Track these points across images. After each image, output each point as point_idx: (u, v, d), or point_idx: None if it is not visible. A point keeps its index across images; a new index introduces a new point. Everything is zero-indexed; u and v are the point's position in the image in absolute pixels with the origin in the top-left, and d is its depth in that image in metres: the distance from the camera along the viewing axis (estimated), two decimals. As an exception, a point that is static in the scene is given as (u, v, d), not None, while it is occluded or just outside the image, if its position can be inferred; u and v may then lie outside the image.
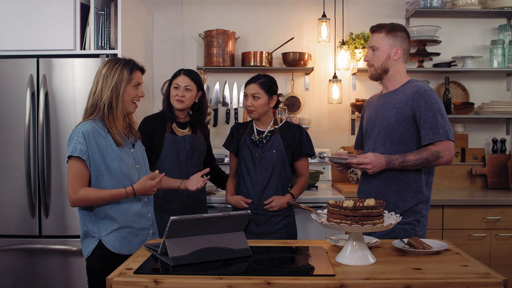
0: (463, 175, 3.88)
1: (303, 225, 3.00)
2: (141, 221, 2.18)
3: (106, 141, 2.08)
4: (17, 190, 2.97)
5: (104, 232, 2.09)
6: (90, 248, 2.10)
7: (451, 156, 2.25)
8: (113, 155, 2.08)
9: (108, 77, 2.10)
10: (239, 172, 2.72)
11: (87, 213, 2.11)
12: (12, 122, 2.97)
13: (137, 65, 2.19)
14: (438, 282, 1.58)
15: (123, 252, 2.09)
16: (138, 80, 2.16)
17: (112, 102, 2.09)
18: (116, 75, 2.10)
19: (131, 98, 2.15)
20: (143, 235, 2.18)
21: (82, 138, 2.03)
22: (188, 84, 2.68)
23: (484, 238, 3.28)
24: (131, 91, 2.14)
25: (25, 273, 2.98)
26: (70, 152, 2.04)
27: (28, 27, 3.04)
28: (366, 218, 1.73)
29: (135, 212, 2.15)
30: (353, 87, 4.00)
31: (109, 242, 2.08)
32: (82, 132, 2.04)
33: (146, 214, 2.21)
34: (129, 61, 2.17)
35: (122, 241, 2.10)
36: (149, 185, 2.12)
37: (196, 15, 3.99)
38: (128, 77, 2.11)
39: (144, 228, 2.19)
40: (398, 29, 2.38)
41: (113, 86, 2.09)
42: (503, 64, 3.81)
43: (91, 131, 2.05)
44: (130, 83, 2.12)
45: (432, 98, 2.26)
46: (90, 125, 2.07)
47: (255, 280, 1.59)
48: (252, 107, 2.62)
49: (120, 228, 2.10)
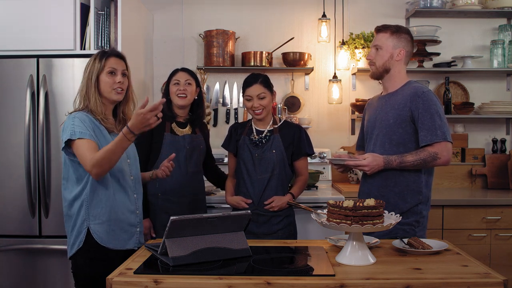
0: (463, 175, 3.88)
1: (303, 225, 3.00)
2: (131, 217, 2.16)
3: (100, 131, 2.09)
4: (17, 190, 2.97)
5: (94, 220, 2.05)
6: (79, 241, 2.04)
7: (448, 157, 2.27)
8: (106, 143, 2.06)
9: (86, 69, 2.14)
10: (238, 172, 2.72)
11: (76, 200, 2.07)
12: (12, 122, 2.97)
13: (111, 52, 2.18)
14: (438, 282, 1.58)
15: (108, 245, 2.06)
16: (111, 66, 2.13)
17: (89, 91, 2.10)
18: (89, 65, 2.14)
19: (109, 86, 2.12)
20: (131, 232, 2.15)
21: (79, 121, 2.03)
22: (188, 78, 2.70)
23: (484, 238, 3.28)
24: (106, 79, 2.12)
25: (25, 273, 2.97)
26: (69, 136, 1.99)
27: (28, 27, 3.04)
28: (366, 218, 1.73)
29: (125, 207, 2.13)
30: (353, 87, 4.00)
31: (97, 231, 2.04)
32: (78, 117, 2.04)
33: (135, 211, 2.19)
34: (104, 51, 2.17)
35: (110, 233, 2.07)
36: (141, 117, 1.87)
37: (196, 15, 3.99)
38: (100, 65, 2.12)
39: (133, 224, 2.17)
40: (403, 31, 2.42)
41: (88, 76, 2.12)
42: (503, 64, 3.81)
43: (86, 118, 2.06)
44: (103, 70, 2.12)
45: (430, 100, 2.27)
46: (82, 114, 2.07)
47: (255, 280, 1.59)
48: (260, 106, 2.61)
49: (110, 220, 2.07)
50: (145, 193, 2.56)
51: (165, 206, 2.68)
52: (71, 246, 2.10)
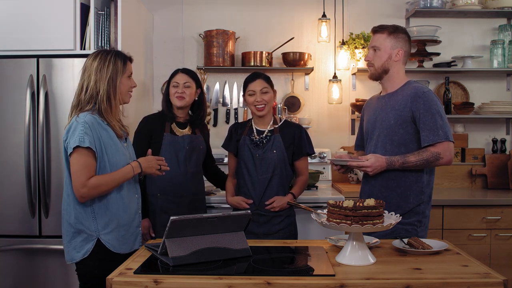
0: (463, 175, 3.87)
1: (303, 225, 3.00)
2: (136, 218, 2.18)
3: (108, 134, 2.06)
4: (17, 190, 2.96)
5: (102, 230, 2.04)
6: (87, 249, 2.03)
7: (451, 156, 2.27)
8: (115, 148, 2.06)
9: (102, 70, 2.07)
10: (239, 172, 2.72)
11: (83, 209, 2.03)
12: (12, 122, 2.97)
13: (128, 56, 2.20)
14: (438, 282, 1.58)
15: (120, 251, 2.07)
16: (131, 70, 2.18)
17: (110, 94, 2.07)
18: (110, 66, 2.08)
19: (127, 89, 2.15)
20: (136, 233, 2.18)
21: (88, 128, 1.98)
22: (187, 80, 2.69)
23: (484, 238, 3.28)
24: (126, 82, 2.14)
25: (25, 273, 2.97)
26: (77, 142, 1.95)
27: (28, 27, 3.04)
28: (366, 218, 1.73)
29: (131, 209, 2.14)
30: (353, 87, 4.00)
31: (108, 240, 2.04)
32: (86, 122, 1.99)
33: (138, 211, 2.21)
34: (119, 53, 2.16)
35: (120, 240, 2.07)
36: (154, 162, 2.16)
37: (196, 15, 3.98)
38: (123, 68, 2.12)
39: (137, 225, 2.19)
40: (400, 31, 2.41)
41: (109, 78, 2.07)
42: (503, 64, 3.81)
43: (94, 121, 2.02)
44: (125, 74, 2.13)
45: (431, 100, 2.27)
46: (91, 117, 2.03)
47: (255, 280, 1.59)
48: (263, 101, 2.61)
49: (119, 226, 2.08)
50: (144, 193, 2.57)
51: (164, 206, 2.68)
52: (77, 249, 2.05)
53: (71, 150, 1.98)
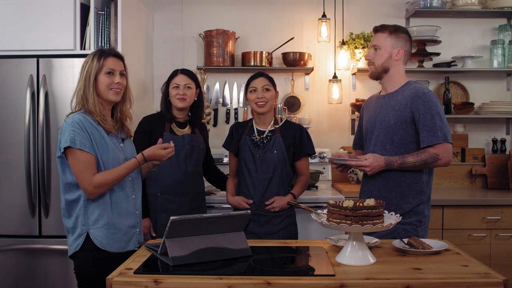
0: (463, 175, 3.88)
1: (303, 225, 3.00)
2: (130, 219, 2.16)
3: (98, 132, 2.08)
4: (17, 190, 2.96)
5: (93, 225, 2.05)
6: (78, 242, 2.05)
7: (449, 158, 2.27)
8: (105, 145, 2.08)
9: (83, 69, 2.13)
10: (239, 172, 2.72)
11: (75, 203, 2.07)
12: (12, 122, 2.97)
13: (109, 52, 2.17)
14: (438, 282, 1.58)
15: (109, 249, 2.06)
16: (110, 66, 2.14)
17: (86, 90, 2.10)
18: (87, 64, 2.12)
19: (106, 86, 2.13)
20: (130, 234, 2.16)
21: (79, 128, 2.02)
22: (188, 82, 2.69)
23: (484, 238, 3.28)
24: (104, 79, 2.12)
25: (25, 273, 2.97)
26: (68, 143, 1.99)
27: (28, 27, 3.04)
28: (366, 218, 1.73)
29: (124, 209, 2.13)
30: (353, 87, 4.00)
31: (97, 236, 2.05)
32: (76, 122, 2.03)
33: (134, 212, 2.20)
34: (102, 50, 2.17)
35: (110, 237, 2.07)
36: (159, 153, 2.16)
37: (196, 15, 3.99)
38: (98, 64, 2.11)
39: (132, 226, 2.17)
40: (401, 30, 2.42)
41: (85, 77, 2.11)
42: (503, 64, 3.81)
43: (84, 120, 2.06)
44: (101, 70, 2.12)
45: (430, 101, 2.28)
46: (80, 116, 2.07)
47: (255, 280, 1.59)
48: (264, 98, 2.62)
49: (109, 223, 2.07)
50: (144, 193, 2.56)
51: (164, 206, 2.68)
52: (70, 245, 2.11)
53: (62, 150, 2.03)
